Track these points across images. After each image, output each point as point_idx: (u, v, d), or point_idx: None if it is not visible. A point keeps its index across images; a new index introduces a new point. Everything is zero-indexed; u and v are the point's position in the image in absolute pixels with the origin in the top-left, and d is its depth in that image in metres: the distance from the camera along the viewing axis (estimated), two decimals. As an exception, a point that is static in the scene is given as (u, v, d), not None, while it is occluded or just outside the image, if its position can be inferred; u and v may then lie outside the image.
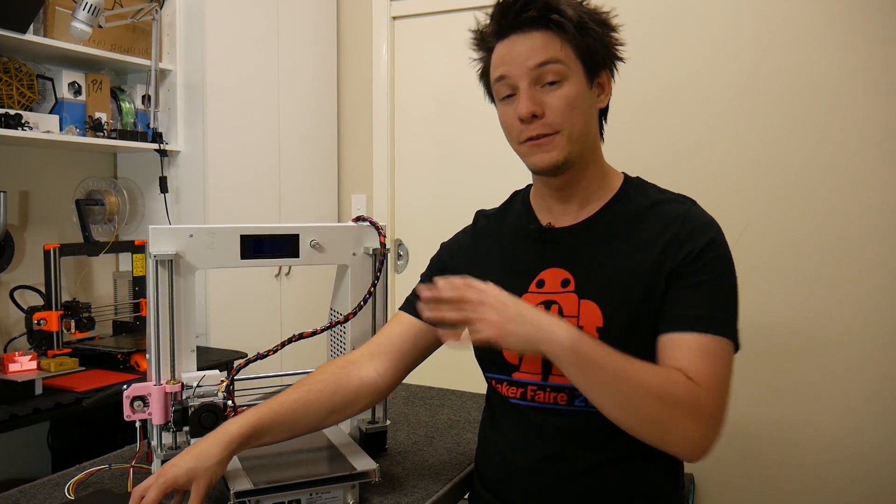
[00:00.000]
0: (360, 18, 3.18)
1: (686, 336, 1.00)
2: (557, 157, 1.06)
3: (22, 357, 1.95)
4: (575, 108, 1.05)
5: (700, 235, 1.04)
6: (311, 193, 3.08)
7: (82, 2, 2.10)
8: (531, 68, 1.04)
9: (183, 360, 1.15)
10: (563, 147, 1.06)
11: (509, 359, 1.13)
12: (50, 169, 2.46)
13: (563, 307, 1.07)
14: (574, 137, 1.06)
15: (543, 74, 1.04)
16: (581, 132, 1.07)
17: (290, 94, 2.93)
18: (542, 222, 1.15)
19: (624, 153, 2.62)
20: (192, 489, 0.97)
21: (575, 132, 1.06)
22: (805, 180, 2.41)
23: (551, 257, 1.12)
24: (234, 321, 2.65)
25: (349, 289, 1.28)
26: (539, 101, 1.05)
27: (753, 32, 2.45)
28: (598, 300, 1.05)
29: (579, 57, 1.05)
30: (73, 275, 2.52)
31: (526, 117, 1.05)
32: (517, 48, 1.05)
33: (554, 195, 1.14)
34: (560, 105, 1.04)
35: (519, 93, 1.06)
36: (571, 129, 1.05)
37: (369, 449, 1.25)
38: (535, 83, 1.05)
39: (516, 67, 1.05)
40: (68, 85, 2.29)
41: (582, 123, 1.07)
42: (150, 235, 1.12)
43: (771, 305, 2.45)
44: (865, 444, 2.36)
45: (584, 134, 1.08)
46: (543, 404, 1.09)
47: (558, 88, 1.04)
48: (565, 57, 1.04)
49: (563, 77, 1.04)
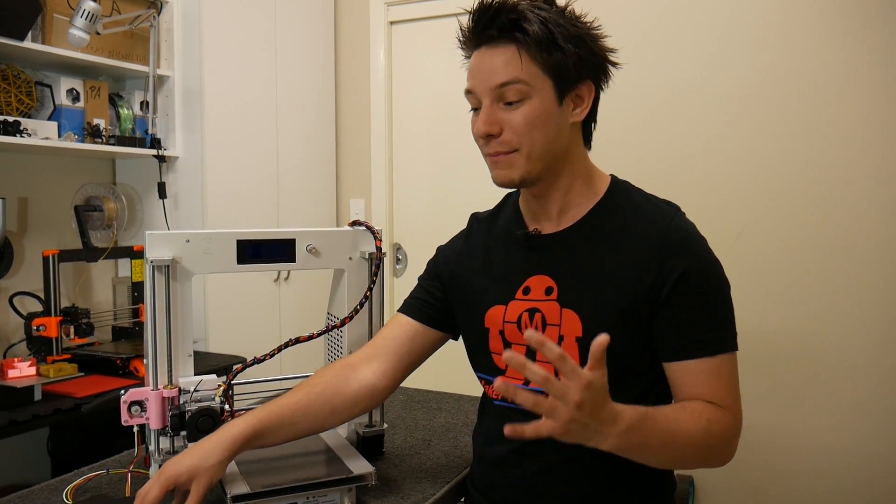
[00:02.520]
0: (358, 23, 3.19)
1: (694, 364, 1.03)
2: (514, 175, 1.06)
3: (21, 363, 1.96)
4: (535, 127, 1.03)
5: (684, 253, 1.03)
6: (309, 198, 3.09)
7: (80, 9, 2.12)
8: (492, 88, 1.04)
9: (180, 365, 1.16)
10: (521, 166, 1.05)
11: (497, 362, 1.14)
12: (48, 175, 2.47)
13: (546, 315, 1.08)
14: (534, 156, 1.05)
15: (505, 93, 1.03)
16: (542, 150, 1.05)
17: (289, 100, 2.94)
18: (530, 228, 1.15)
19: (622, 156, 2.64)
20: (192, 488, 0.98)
21: (535, 151, 1.04)
22: (801, 184, 2.41)
23: (537, 264, 1.12)
24: (233, 326, 2.66)
25: (346, 293, 1.28)
26: (498, 119, 1.04)
27: (752, 37, 2.46)
28: (579, 310, 1.06)
29: (547, 73, 1.03)
30: (72, 281, 2.53)
31: (482, 136, 1.06)
32: (483, 64, 1.05)
33: (535, 202, 1.15)
34: (518, 124, 1.03)
35: (482, 108, 1.06)
36: (531, 148, 1.04)
37: (366, 452, 1.25)
38: (498, 100, 1.04)
39: (480, 84, 1.05)
40: (66, 92, 2.29)
41: (543, 141, 1.05)
42: (146, 241, 1.13)
43: (768, 308, 2.46)
44: (864, 445, 2.37)
45: (547, 151, 1.06)
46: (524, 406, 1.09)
47: (519, 107, 1.03)
48: (528, 75, 1.02)
49: (525, 96, 1.03)
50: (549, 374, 0.82)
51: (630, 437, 0.90)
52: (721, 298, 1.05)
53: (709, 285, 1.04)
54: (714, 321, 1.03)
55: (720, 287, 1.06)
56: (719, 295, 1.05)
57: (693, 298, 1.02)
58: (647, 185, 1.19)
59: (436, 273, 1.25)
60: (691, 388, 1.03)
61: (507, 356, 0.81)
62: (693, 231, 1.07)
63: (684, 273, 1.02)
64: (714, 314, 1.04)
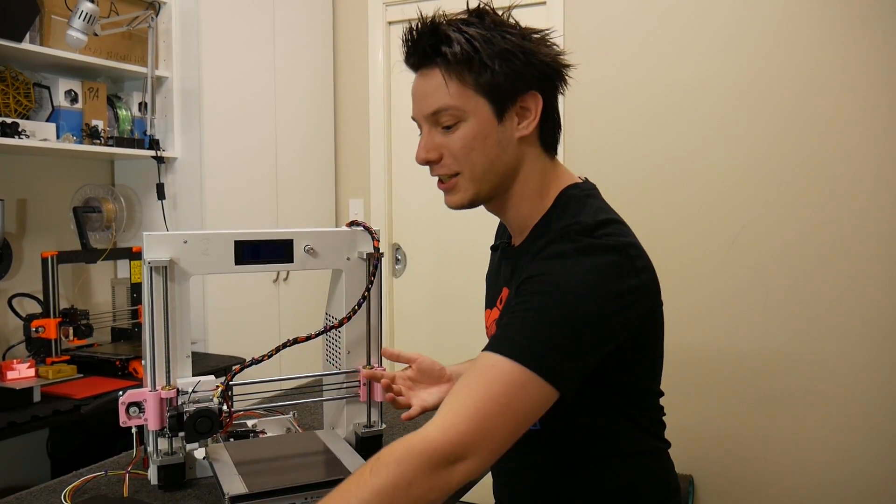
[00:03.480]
0: (356, 24, 3.19)
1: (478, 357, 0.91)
2: (462, 198, 1.06)
3: (20, 364, 1.96)
4: (473, 150, 1.02)
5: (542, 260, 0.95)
6: (308, 198, 3.09)
7: (78, 10, 2.12)
8: (426, 115, 1.04)
9: (179, 366, 1.16)
10: (467, 188, 1.05)
11: None
12: (47, 177, 2.47)
13: None
14: (477, 176, 1.04)
15: (439, 119, 1.03)
16: (484, 170, 1.03)
17: (287, 100, 2.94)
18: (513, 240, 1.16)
19: (620, 157, 2.64)
20: None
21: (477, 172, 1.03)
22: (800, 185, 2.42)
23: (506, 276, 1.14)
24: (231, 327, 2.66)
25: (344, 293, 1.28)
26: (437, 144, 1.04)
27: (751, 36, 2.46)
28: None
29: (479, 93, 1.00)
30: (71, 282, 2.53)
31: (422, 163, 1.06)
32: (417, 91, 1.05)
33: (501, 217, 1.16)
34: (456, 148, 1.02)
35: (422, 134, 1.06)
36: (472, 170, 1.03)
37: (365, 453, 1.25)
38: (435, 125, 1.04)
39: (416, 111, 1.06)
40: (65, 93, 2.29)
41: (484, 161, 1.02)
42: (144, 242, 1.13)
43: (767, 309, 2.46)
44: (863, 445, 2.37)
45: (490, 171, 1.03)
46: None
47: (455, 131, 1.02)
48: (459, 99, 1.00)
49: (459, 119, 1.01)
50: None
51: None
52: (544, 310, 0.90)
53: (541, 294, 0.91)
54: (514, 325, 0.90)
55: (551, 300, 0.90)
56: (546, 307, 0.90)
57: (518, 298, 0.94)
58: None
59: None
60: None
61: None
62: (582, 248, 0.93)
63: (534, 275, 0.94)
64: (522, 319, 0.91)
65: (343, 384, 1.30)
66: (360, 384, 1.29)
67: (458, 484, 0.84)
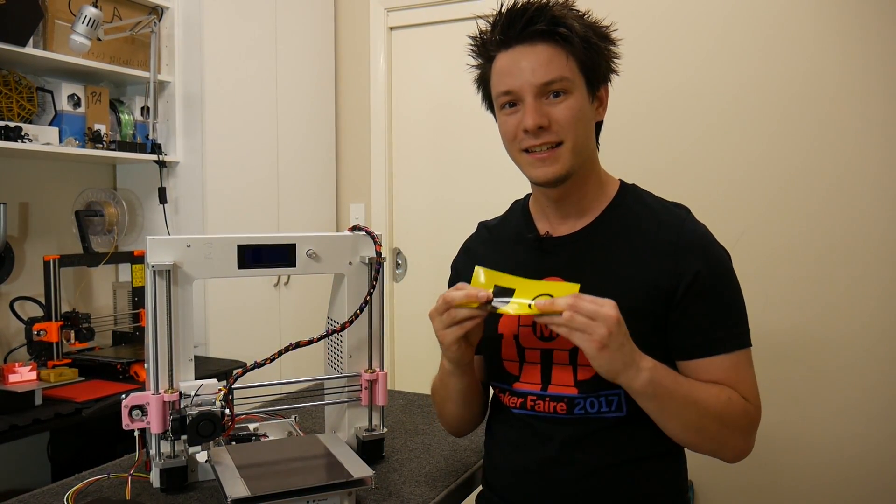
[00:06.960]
0: (358, 29, 3.20)
1: (712, 360, 1.06)
2: (560, 169, 1.08)
3: (22, 368, 1.96)
4: (579, 121, 1.07)
5: (697, 254, 1.07)
6: (309, 203, 3.10)
7: (81, 15, 2.13)
8: (536, 85, 1.05)
9: (181, 370, 1.16)
10: (567, 159, 1.08)
11: (510, 369, 1.15)
12: (49, 180, 2.48)
13: None
14: (577, 149, 1.08)
15: (551, 86, 1.06)
16: (583, 144, 1.09)
17: (289, 104, 2.95)
18: (541, 231, 1.17)
19: (621, 158, 2.64)
20: None
21: (578, 144, 1.08)
22: (802, 185, 2.42)
23: (550, 267, 1.13)
24: (233, 331, 2.66)
25: (346, 297, 1.29)
26: (545, 112, 1.06)
27: (750, 39, 2.47)
28: None
29: (582, 72, 1.07)
30: (72, 286, 2.53)
31: (533, 129, 1.06)
32: (523, 62, 1.06)
33: (552, 205, 1.16)
34: (565, 117, 1.06)
35: (524, 104, 1.07)
36: (575, 141, 1.07)
37: (366, 456, 1.25)
38: (540, 95, 1.06)
39: (521, 82, 1.06)
40: (68, 97, 2.30)
41: (584, 135, 1.09)
42: (148, 246, 1.13)
43: (768, 308, 2.46)
44: (862, 446, 2.37)
45: (585, 146, 1.10)
46: (544, 413, 1.11)
47: (564, 100, 1.06)
48: (570, 72, 1.06)
49: (568, 91, 1.06)
50: (576, 299, 0.93)
51: (659, 376, 0.98)
52: (734, 296, 1.09)
53: (723, 284, 1.08)
54: (730, 318, 1.07)
55: (733, 285, 1.09)
56: (733, 293, 1.09)
57: (709, 298, 1.06)
58: (648, 185, 1.20)
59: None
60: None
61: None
62: (705, 232, 1.11)
63: (699, 274, 1.05)
64: (729, 312, 1.08)
65: (345, 388, 1.30)
66: (361, 388, 1.30)
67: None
